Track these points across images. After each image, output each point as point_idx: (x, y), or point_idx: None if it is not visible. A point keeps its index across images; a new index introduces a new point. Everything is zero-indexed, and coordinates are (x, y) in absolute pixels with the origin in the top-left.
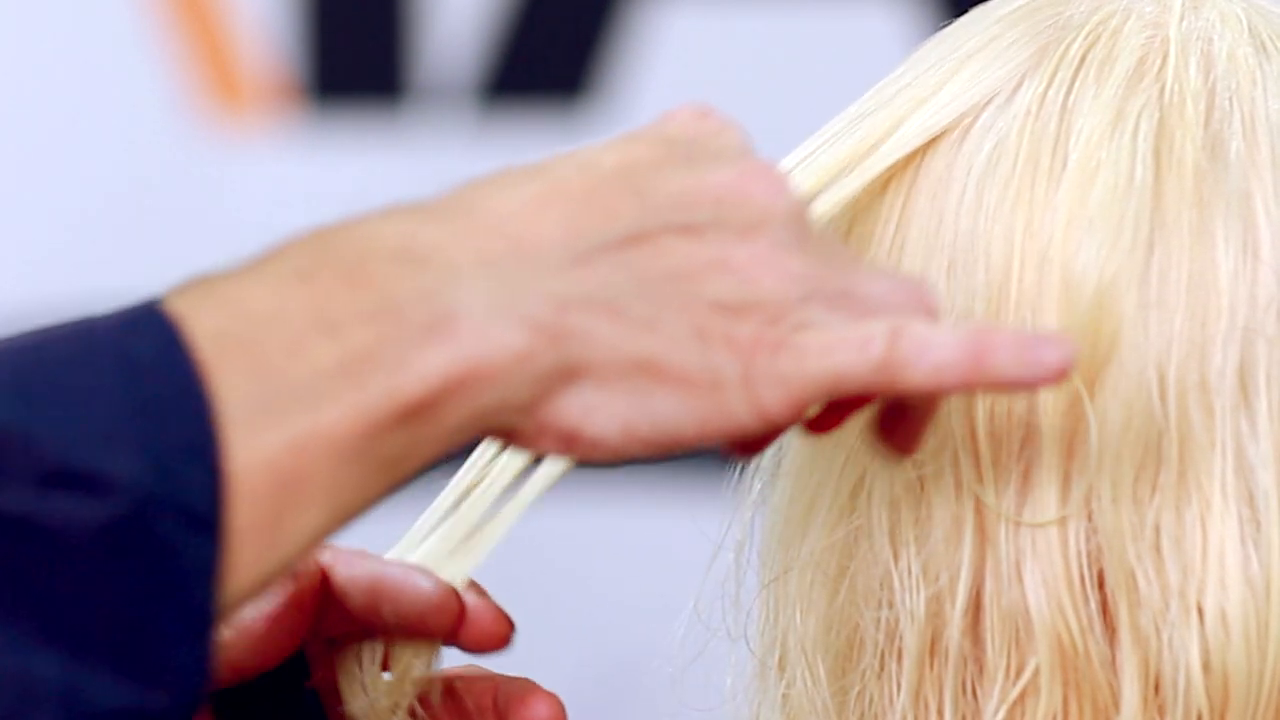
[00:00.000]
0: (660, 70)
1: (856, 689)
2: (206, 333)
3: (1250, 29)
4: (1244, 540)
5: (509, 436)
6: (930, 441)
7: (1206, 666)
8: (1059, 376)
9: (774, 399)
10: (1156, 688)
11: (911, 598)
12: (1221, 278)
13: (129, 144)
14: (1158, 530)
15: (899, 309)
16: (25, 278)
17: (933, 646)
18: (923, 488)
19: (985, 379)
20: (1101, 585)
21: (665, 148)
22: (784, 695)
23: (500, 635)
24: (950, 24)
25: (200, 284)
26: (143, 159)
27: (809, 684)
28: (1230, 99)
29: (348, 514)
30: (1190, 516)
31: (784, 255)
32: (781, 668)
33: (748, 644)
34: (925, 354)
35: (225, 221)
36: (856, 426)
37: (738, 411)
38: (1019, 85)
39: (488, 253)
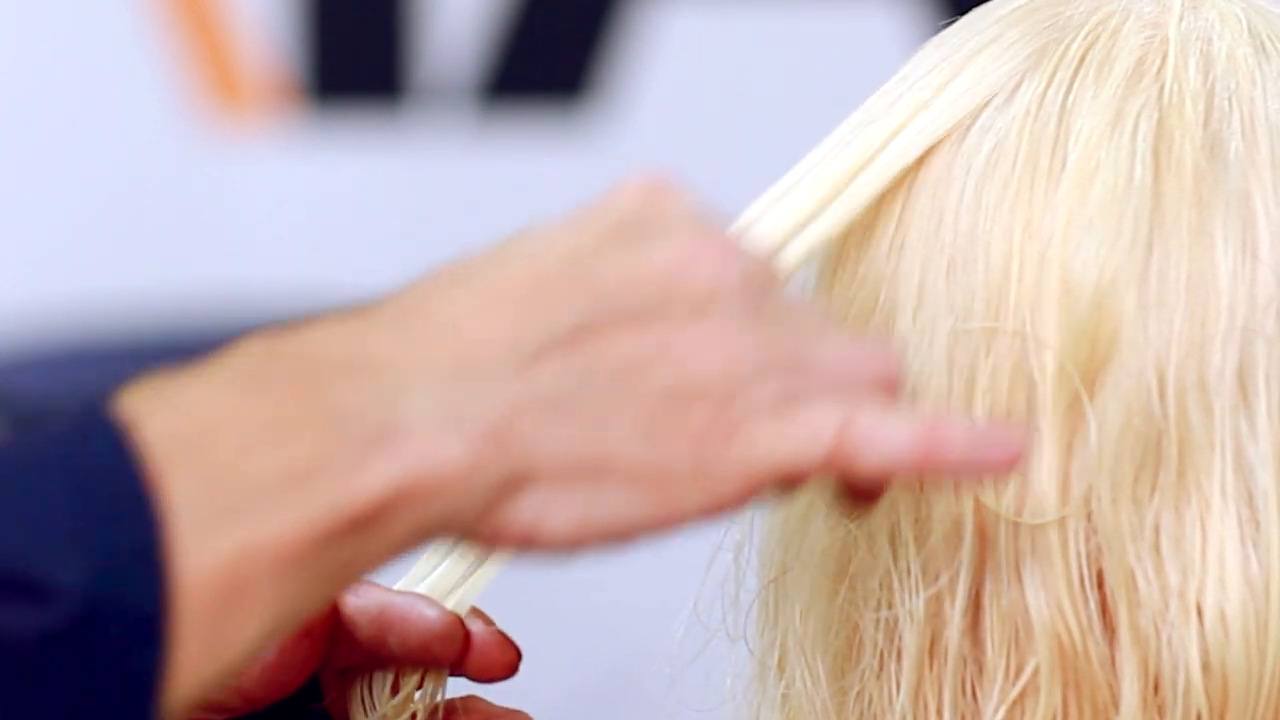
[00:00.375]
0: (660, 70)
1: (856, 689)
2: (157, 439)
3: (1249, 29)
4: (1243, 540)
5: (465, 539)
6: None
7: (1206, 666)
8: (1008, 471)
9: (724, 489)
10: (1156, 688)
11: (911, 598)
12: (1221, 278)
13: (129, 144)
14: (1157, 530)
15: (857, 379)
16: (26, 278)
17: (932, 647)
18: (922, 488)
19: (935, 470)
20: (1101, 585)
21: (612, 230)
22: (783, 695)
23: (507, 663)
24: (950, 24)
25: (151, 387)
26: (143, 159)
27: (808, 684)
28: (1229, 99)
29: (292, 620)
30: (1190, 516)
31: (735, 331)
32: (781, 668)
33: (747, 644)
34: (875, 445)
35: (225, 221)
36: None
37: (689, 503)
38: (1018, 85)
39: (436, 361)
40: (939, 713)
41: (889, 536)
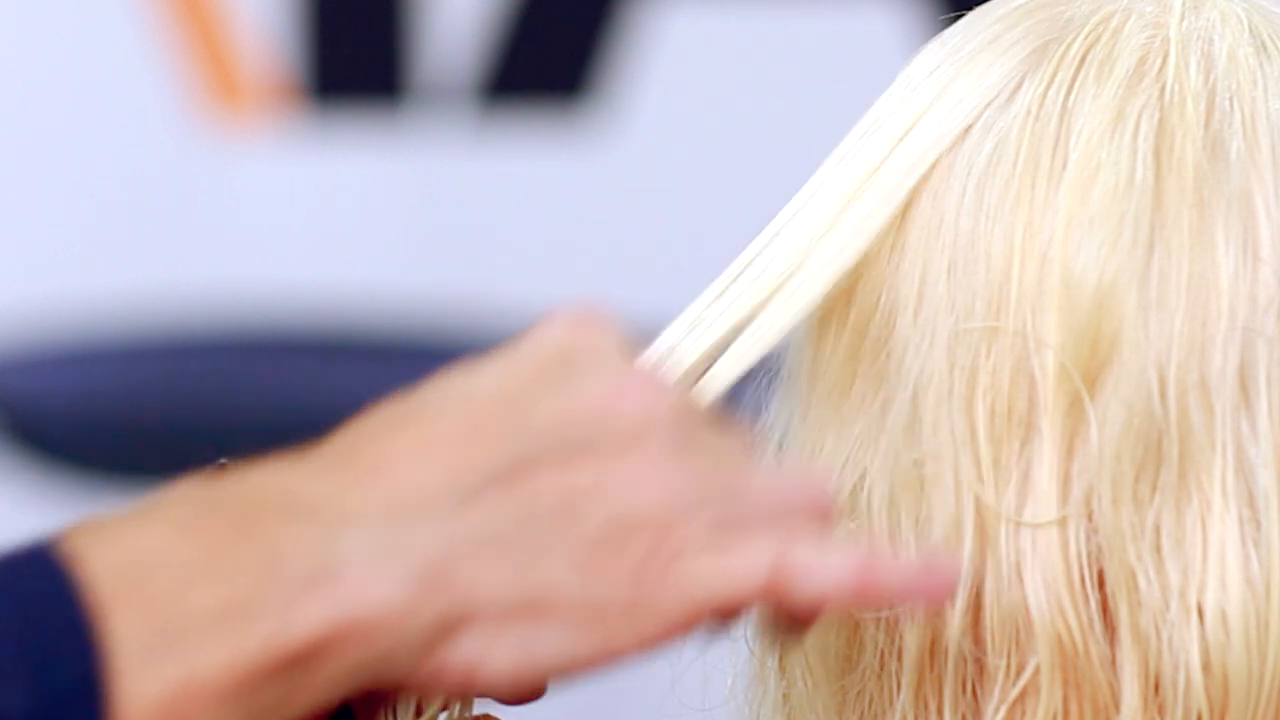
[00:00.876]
0: (660, 70)
1: (856, 689)
2: (99, 574)
3: (1251, 29)
4: (1244, 540)
5: (404, 681)
6: (931, 441)
7: (1206, 666)
8: (942, 600)
9: (663, 622)
10: (1156, 687)
11: None
12: (1222, 278)
13: (129, 144)
14: (1158, 530)
15: (791, 507)
16: (26, 278)
17: (933, 646)
18: (922, 488)
19: (870, 601)
20: (1102, 585)
21: (542, 368)
22: (784, 696)
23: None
24: (950, 24)
25: (93, 525)
26: (143, 159)
27: (809, 684)
28: (1231, 99)
29: None
30: (1191, 517)
31: (667, 465)
32: (782, 668)
33: (747, 644)
34: (812, 577)
35: (225, 221)
36: (853, 427)
37: (628, 638)
38: (1019, 85)
39: (372, 504)
40: (939, 712)
41: (890, 537)
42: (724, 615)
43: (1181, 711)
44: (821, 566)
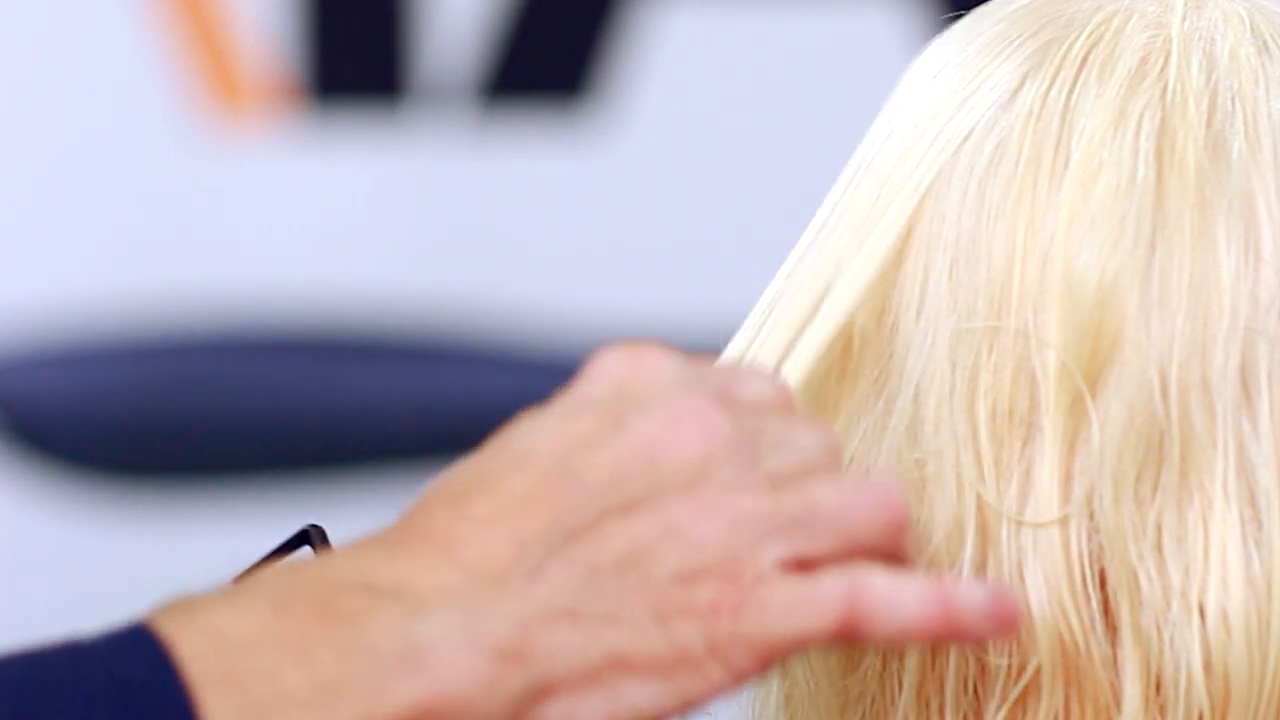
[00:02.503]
0: (660, 70)
1: (859, 689)
2: (193, 655)
3: (1253, 28)
4: (1245, 540)
5: None
6: (932, 441)
7: (1208, 666)
8: (1014, 630)
9: (742, 661)
10: (1158, 687)
11: None
12: (1223, 277)
13: (129, 144)
14: (1159, 530)
15: (864, 526)
16: (27, 278)
17: (934, 646)
18: (924, 487)
19: (951, 635)
20: (1103, 585)
21: (594, 416)
22: (787, 696)
23: None
24: (951, 24)
25: (181, 607)
26: (143, 159)
27: (812, 685)
28: (1232, 99)
29: None
30: (1192, 516)
31: (730, 497)
32: (784, 669)
33: None
34: (888, 613)
35: (225, 221)
36: (856, 426)
37: (708, 683)
38: (1021, 84)
39: (447, 583)
40: (941, 712)
41: None
42: (800, 649)
43: (1183, 711)
44: (898, 600)
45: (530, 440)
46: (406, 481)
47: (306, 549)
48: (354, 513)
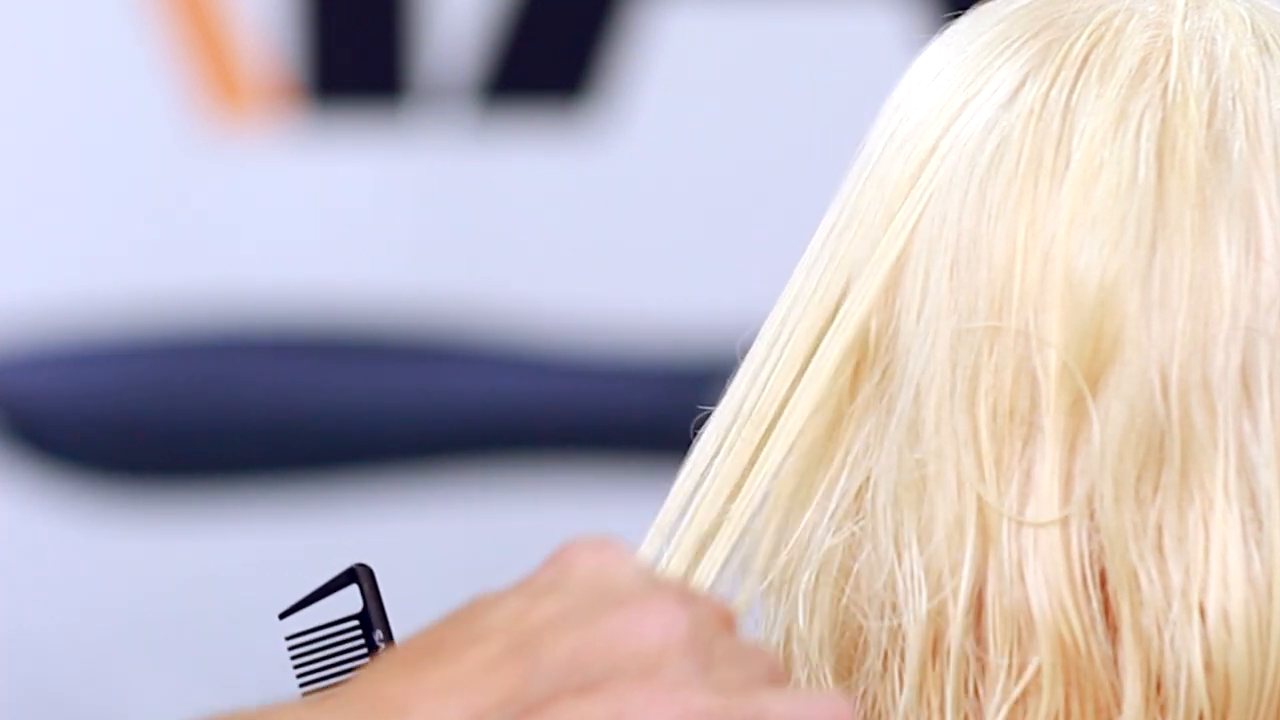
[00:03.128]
0: (660, 70)
1: (860, 689)
2: None
3: (1253, 29)
4: (1246, 540)
5: None
6: (933, 441)
7: (1208, 666)
8: None
9: None
10: (1158, 687)
11: (914, 598)
12: (1224, 277)
13: (130, 144)
14: (1160, 530)
15: None
16: (27, 278)
17: (935, 646)
18: (925, 487)
19: None
20: (1104, 585)
21: (558, 599)
22: None
23: None
24: (951, 24)
25: None
26: (144, 159)
27: (813, 685)
28: (1233, 99)
29: None
30: (1193, 516)
31: (685, 693)
32: (786, 669)
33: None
34: None
35: (225, 221)
36: (861, 427)
37: None
38: (1022, 84)
39: None
40: (941, 711)
41: (893, 536)
42: None
43: (1183, 711)
44: None
45: (492, 616)
46: (406, 481)
47: (353, 587)
48: (354, 513)
